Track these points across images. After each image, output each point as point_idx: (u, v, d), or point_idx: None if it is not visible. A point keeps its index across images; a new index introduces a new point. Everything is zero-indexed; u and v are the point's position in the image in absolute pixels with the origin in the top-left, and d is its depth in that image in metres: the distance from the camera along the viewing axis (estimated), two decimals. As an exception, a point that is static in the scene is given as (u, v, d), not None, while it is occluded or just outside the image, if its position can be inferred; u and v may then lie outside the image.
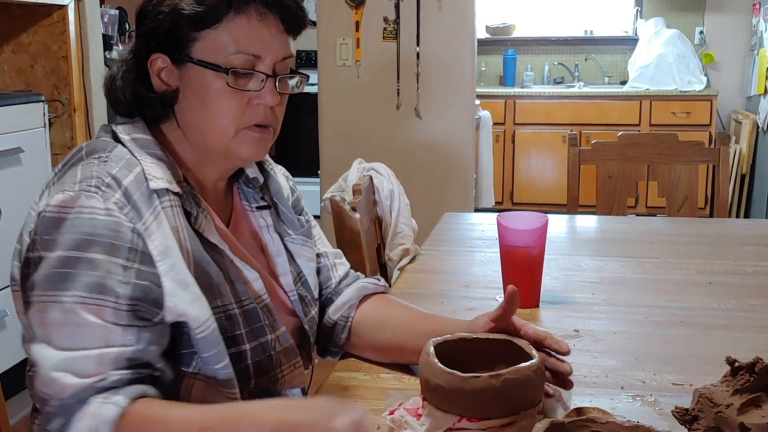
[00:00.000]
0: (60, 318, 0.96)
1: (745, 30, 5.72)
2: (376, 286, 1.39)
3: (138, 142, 1.10)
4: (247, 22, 1.08)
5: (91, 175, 1.03)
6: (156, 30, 1.10)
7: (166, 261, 1.02)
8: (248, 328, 1.12)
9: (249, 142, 1.13)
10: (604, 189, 2.65)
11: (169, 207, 1.06)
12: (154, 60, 1.11)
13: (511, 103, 5.73)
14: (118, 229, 0.99)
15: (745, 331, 1.44)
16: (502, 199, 5.77)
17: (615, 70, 6.15)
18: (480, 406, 0.97)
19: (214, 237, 1.12)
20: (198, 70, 1.09)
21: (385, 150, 3.75)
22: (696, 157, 2.65)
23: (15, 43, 3.47)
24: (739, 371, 0.94)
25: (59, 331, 0.96)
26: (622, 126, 5.41)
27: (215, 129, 1.11)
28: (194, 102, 1.11)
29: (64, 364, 0.95)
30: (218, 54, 1.08)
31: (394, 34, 3.77)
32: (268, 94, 1.11)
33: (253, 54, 1.09)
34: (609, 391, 1.20)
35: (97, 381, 0.95)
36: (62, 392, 0.95)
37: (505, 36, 6.21)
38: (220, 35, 1.08)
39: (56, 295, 0.97)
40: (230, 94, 1.09)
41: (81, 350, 0.95)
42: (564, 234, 2.23)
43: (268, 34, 1.10)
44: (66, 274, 0.97)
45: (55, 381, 0.95)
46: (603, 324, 1.48)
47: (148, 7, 1.12)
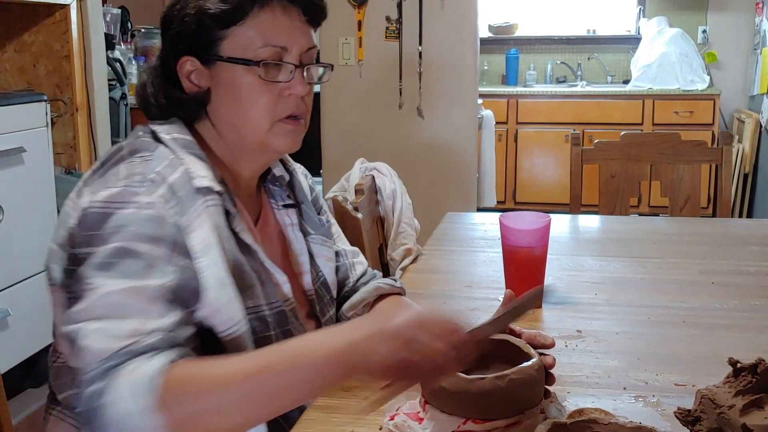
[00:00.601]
0: (102, 300, 0.95)
1: (748, 29, 5.71)
2: (391, 287, 1.39)
3: (179, 142, 1.12)
4: (272, 15, 1.11)
5: (135, 172, 1.04)
6: (183, 33, 1.13)
7: (205, 258, 1.03)
8: (278, 330, 1.12)
9: (283, 134, 1.15)
10: (606, 188, 2.65)
11: (212, 206, 1.08)
12: (183, 63, 1.14)
13: (514, 102, 5.73)
14: (162, 223, 1.00)
15: (748, 332, 1.44)
16: (505, 199, 5.77)
17: (618, 69, 6.14)
18: (485, 407, 0.96)
19: (248, 238, 1.13)
20: (228, 67, 1.12)
21: (387, 149, 3.75)
22: (699, 157, 2.64)
23: (17, 42, 3.47)
24: (742, 372, 0.93)
25: (100, 308, 0.95)
26: (624, 125, 5.40)
27: (250, 124, 1.14)
28: (227, 100, 1.14)
29: (102, 330, 0.93)
30: (246, 49, 1.11)
31: (396, 33, 3.77)
32: (298, 84, 1.14)
33: (280, 46, 1.12)
34: (611, 391, 1.20)
35: (133, 343, 0.92)
36: (100, 355, 0.92)
37: (508, 35, 6.20)
38: (246, 31, 1.11)
39: (101, 283, 0.96)
40: (262, 87, 1.12)
41: (120, 318, 0.94)
42: (566, 234, 2.22)
43: (292, 26, 1.13)
44: (112, 264, 0.97)
45: (91, 347, 0.93)
46: (605, 324, 1.48)
47: (173, 12, 1.15)
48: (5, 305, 2.81)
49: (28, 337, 2.94)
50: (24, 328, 2.91)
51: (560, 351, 1.35)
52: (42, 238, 3.03)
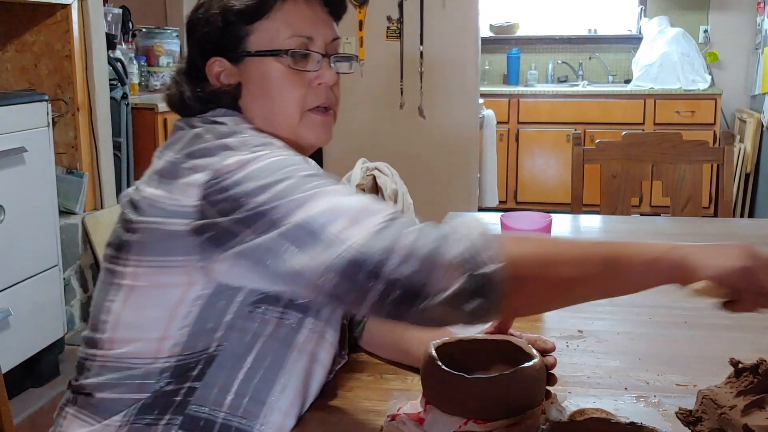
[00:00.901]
0: (324, 206, 0.94)
1: (749, 29, 5.71)
2: None
3: (237, 121, 1.12)
4: (295, 6, 1.13)
5: (247, 142, 1.04)
6: (210, 34, 1.14)
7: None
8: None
9: (314, 126, 1.16)
10: (608, 188, 2.65)
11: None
12: (212, 65, 1.15)
13: (515, 102, 5.73)
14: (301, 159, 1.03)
15: (749, 332, 1.44)
16: (506, 199, 5.77)
17: (619, 68, 6.14)
18: (488, 408, 0.96)
19: None
20: (257, 61, 1.13)
21: (388, 149, 3.74)
22: (700, 157, 2.64)
23: (18, 42, 3.48)
24: (743, 373, 0.93)
25: (333, 206, 0.94)
26: (626, 125, 5.40)
27: (282, 116, 1.14)
28: (258, 93, 1.14)
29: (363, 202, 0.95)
30: (273, 41, 1.13)
31: (397, 33, 3.77)
32: (326, 73, 1.15)
33: (305, 36, 1.14)
34: (612, 391, 1.19)
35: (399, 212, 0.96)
36: (381, 215, 0.92)
37: (509, 35, 6.20)
38: (272, 24, 1.12)
39: (318, 184, 0.96)
40: (292, 77, 1.13)
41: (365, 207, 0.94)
42: (568, 233, 2.22)
43: (315, 16, 1.15)
44: (304, 178, 0.97)
45: (365, 212, 0.93)
46: (607, 324, 1.48)
47: (198, 15, 1.16)
48: (6, 305, 2.82)
49: (29, 337, 2.95)
50: (25, 327, 2.91)
51: (561, 351, 1.35)
52: (43, 239, 3.06)
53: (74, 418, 1.12)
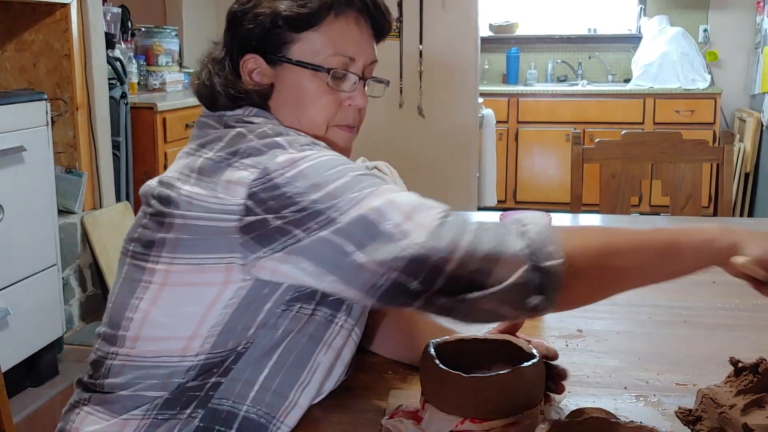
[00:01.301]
0: (380, 202, 0.94)
1: (749, 28, 5.71)
2: None
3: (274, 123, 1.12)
4: (346, 25, 1.12)
5: (295, 141, 1.04)
6: (253, 31, 1.12)
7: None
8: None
9: (338, 139, 1.16)
10: (607, 187, 2.65)
11: None
12: (247, 60, 1.14)
13: (515, 101, 5.72)
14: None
15: (749, 331, 1.43)
16: (505, 198, 5.77)
17: (618, 68, 6.14)
18: (484, 407, 0.96)
19: None
20: (295, 70, 1.12)
21: (387, 148, 3.74)
22: (700, 156, 2.64)
23: (17, 41, 3.47)
24: (743, 372, 0.93)
25: (393, 199, 0.95)
26: (625, 124, 5.40)
27: (308, 125, 1.14)
28: (289, 99, 1.14)
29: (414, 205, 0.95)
30: (316, 55, 1.11)
31: (397, 32, 3.77)
32: (359, 96, 1.15)
33: (348, 56, 1.13)
34: (612, 391, 1.19)
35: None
36: (437, 211, 0.94)
37: (509, 34, 6.20)
38: (319, 37, 1.11)
39: (370, 185, 0.97)
40: (326, 93, 1.12)
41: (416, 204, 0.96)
42: (567, 233, 2.22)
43: (362, 37, 1.15)
44: (356, 178, 0.97)
45: (422, 205, 0.95)
46: (606, 324, 1.48)
47: (244, 8, 1.14)
48: (5, 304, 2.81)
49: (28, 336, 2.95)
50: (24, 327, 2.91)
51: (561, 351, 1.34)
52: (42, 238, 3.05)
53: (88, 414, 1.11)
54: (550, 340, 1.39)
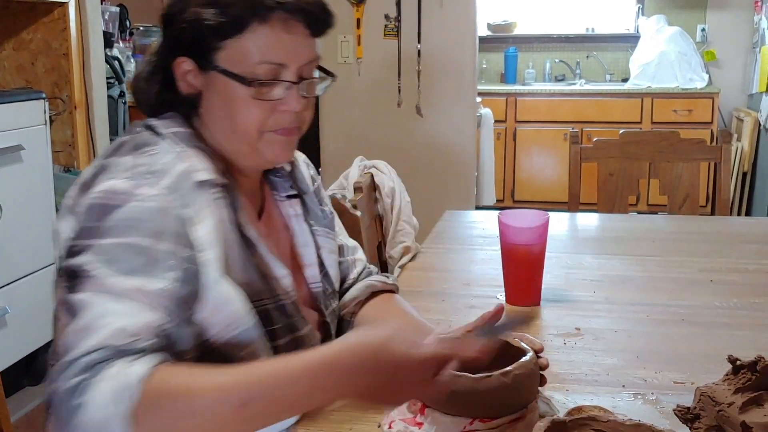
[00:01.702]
0: (103, 295, 0.94)
1: (747, 27, 5.71)
2: (384, 284, 1.39)
3: (179, 136, 1.11)
4: (271, 31, 1.07)
5: (140, 163, 1.03)
6: (181, 36, 1.10)
7: (209, 252, 1.02)
8: (278, 325, 1.12)
9: (274, 144, 1.13)
10: (605, 187, 2.65)
11: (218, 199, 1.07)
12: (180, 63, 1.11)
13: (513, 100, 5.72)
14: (164, 215, 0.99)
15: (747, 330, 1.44)
16: (503, 197, 5.77)
17: (616, 67, 6.14)
18: (493, 405, 0.96)
19: (250, 232, 1.12)
20: (222, 77, 1.09)
21: (386, 148, 3.74)
22: (697, 155, 2.64)
23: (16, 40, 3.47)
24: (741, 370, 0.93)
25: (101, 302, 0.94)
26: (623, 123, 5.40)
27: (240, 133, 1.11)
28: (219, 107, 1.11)
29: (99, 322, 0.92)
30: (242, 63, 1.08)
31: (395, 31, 3.77)
32: (293, 101, 1.11)
33: (277, 63, 1.09)
34: (610, 389, 1.20)
35: (131, 342, 0.91)
36: (90, 345, 0.90)
37: (507, 33, 6.20)
38: (244, 44, 1.07)
39: (103, 271, 0.95)
40: (254, 102, 1.09)
41: (119, 315, 0.93)
42: (565, 232, 2.22)
43: (293, 41, 1.09)
44: (114, 259, 0.96)
45: (92, 329, 0.91)
46: (604, 322, 1.48)
47: (172, 13, 1.12)
48: (3, 303, 2.81)
49: (26, 335, 2.94)
50: (22, 325, 2.90)
51: (559, 349, 1.35)
52: (40, 237, 3.05)
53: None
54: (549, 339, 1.40)
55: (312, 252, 1.27)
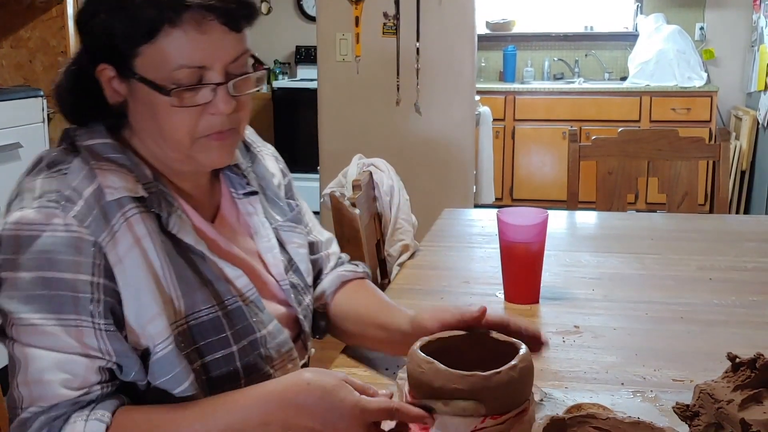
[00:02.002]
0: (41, 339, 0.96)
1: (745, 26, 5.71)
2: (354, 273, 1.39)
3: (96, 148, 1.06)
4: (185, 34, 1.00)
5: (50, 189, 1.00)
6: (97, 43, 1.05)
7: (125, 275, 1.00)
8: (233, 329, 1.10)
9: (209, 149, 1.08)
10: (604, 185, 2.65)
11: (133, 215, 1.03)
12: (102, 71, 1.06)
13: (511, 99, 5.72)
14: (79, 245, 0.97)
15: (746, 327, 1.44)
16: (502, 195, 5.77)
17: (615, 66, 6.14)
18: (503, 401, 0.96)
19: (189, 237, 1.08)
20: (143, 85, 1.03)
21: (384, 146, 3.74)
22: (696, 153, 2.64)
23: (14, 38, 3.46)
24: (740, 367, 0.93)
25: (37, 355, 0.96)
26: (622, 122, 5.40)
27: (171, 142, 1.06)
28: (145, 116, 1.06)
29: (57, 365, 0.96)
30: (160, 70, 1.01)
31: (393, 29, 3.76)
32: (221, 103, 1.04)
33: (197, 66, 1.02)
34: (609, 387, 1.19)
35: (82, 395, 0.96)
36: (44, 400, 0.95)
37: (505, 32, 6.20)
38: (159, 50, 1.01)
39: (33, 318, 0.96)
40: (179, 110, 1.03)
41: (71, 354, 0.97)
42: (564, 230, 2.22)
43: (210, 41, 1.02)
44: (36, 297, 0.96)
45: (42, 384, 0.95)
46: (603, 320, 1.48)
47: (83, 21, 1.06)
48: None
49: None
50: None
51: (558, 347, 1.35)
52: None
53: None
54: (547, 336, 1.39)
55: (274, 249, 1.23)
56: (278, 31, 6.59)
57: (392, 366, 1.27)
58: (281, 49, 6.61)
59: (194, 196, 1.16)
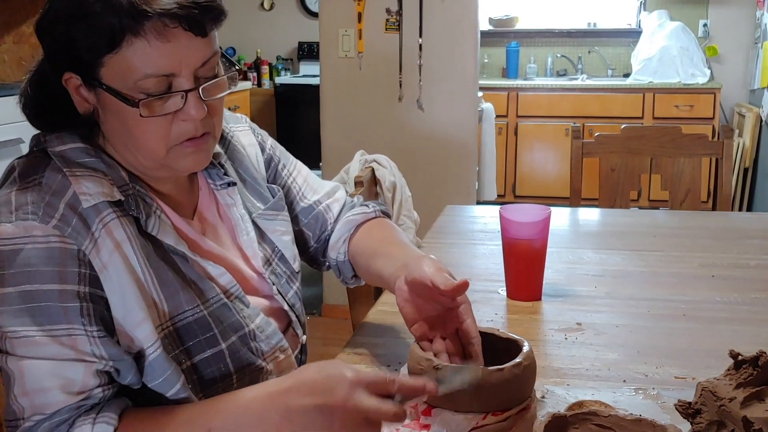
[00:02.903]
0: (35, 350, 0.95)
1: (748, 23, 5.70)
2: (364, 215, 1.38)
3: (68, 154, 1.04)
4: (148, 44, 0.97)
5: (26, 201, 0.98)
6: (60, 53, 1.01)
7: (110, 281, 1.00)
8: (221, 327, 1.09)
9: (184, 156, 1.06)
10: (606, 182, 2.64)
11: (111, 221, 1.01)
12: (69, 79, 1.03)
13: (514, 95, 5.72)
14: (63, 256, 0.96)
15: (748, 325, 1.44)
16: (505, 192, 5.77)
17: (618, 62, 6.13)
18: (506, 398, 0.96)
19: (169, 238, 1.07)
20: (110, 96, 1.00)
21: (387, 142, 3.74)
22: (699, 150, 2.64)
23: (16, 33, 3.46)
24: (743, 365, 0.93)
25: (35, 365, 0.96)
26: (625, 119, 5.39)
27: (143, 151, 1.04)
28: (116, 125, 1.04)
29: (55, 372, 0.95)
30: (127, 79, 0.99)
31: (396, 25, 3.76)
32: (192, 109, 1.02)
33: (164, 74, 0.99)
34: (611, 384, 1.19)
35: (83, 399, 0.96)
36: (46, 407, 0.95)
37: (508, 28, 6.19)
38: (124, 59, 0.98)
39: (25, 331, 0.95)
40: (149, 120, 1.01)
41: (67, 360, 0.96)
42: (566, 227, 2.22)
43: (176, 48, 0.99)
44: (24, 310, 0.95)
45: (42, 392, 0.95)
46: (605, 317, 1.48)
47: (42, 29, 1.02)
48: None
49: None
50: None
51: (560, 344, 1.35)
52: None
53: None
54: (550, 333, 1.40)
55: (253, 242, 1.22)
56: (281, 27, 6.59)
57: (394, 363, 1.27)
58: (284, 45, 6.61)
59: (172, 196, 1.15)
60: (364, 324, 1.45)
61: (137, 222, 1.05)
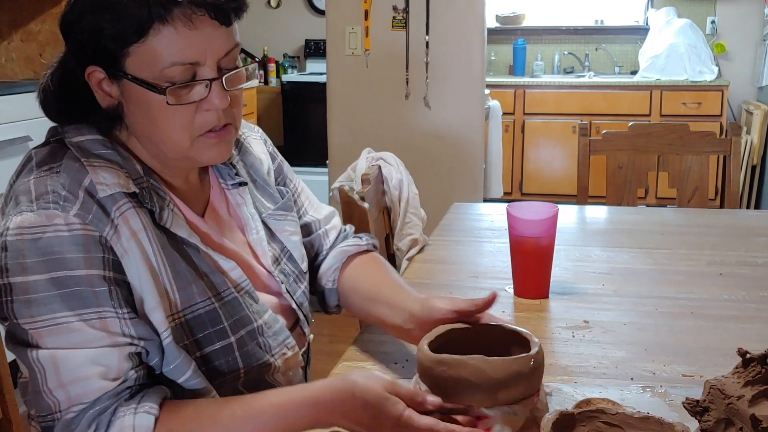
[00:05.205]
0: (68, 338, 0.96)
1: (757, 20, 5.68)
2: (357, 246, 1.39)
3: (85, 145, 1.06)
4: (175, 30, 1.00)
5: (46, 190, 0.99)
6: (85, 45, 1.04)
7: (130, 266, 1.02)
8: (231, 320, 1.10)
9: (208, 147, 1.08)
10: (614, 179, 2.64)
11: (127, 210, 1.03)
12: (92, 73, 1.05)
13: (521, 92, 5.71)
14: (86, 242, 0.98)
15: (756, 323, 1.43)
16: (511, 190, 5.76)
17: (625, 59, 6.12)
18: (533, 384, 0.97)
19: (182, 231, 1.09)
20: (136, 86, 1.03)
21: (393, 140, 3.74)
22: (707, 148, 2.63)
23: (23, 31, 3.47)
24: (751, 363, 0.93)
25: (69, 353, 0.96)
26: (632, 116, 5.38)
27: (169, 142, 1.06)
28: (141, 117, 1.06)
29: (91, 360, 0.96)
30: (153, 68, 1.01)
31: (403, 23, 3.76)
32: (216, 98, 1.04)
33: (189, 62, 1.02)
34: (619, 382, 1.19)
35: (120, 383, 0.97)
36: (86, 396, 0.96)
37: (515, 25, 6.18)
38: (150, 48, 1.00)
39: (57, 318, 0.96)
40: (174, 108, 1.03)
41: (101, 347, 0.97)
42: (574, 224, 2.22)
43: (202, 36, 1.01)
44: (53, 297, 0.96)
45: (79, 381, 0.96)
46: (613, 315, 1.48)
47: (68, 23, 1.05)
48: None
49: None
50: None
51: (568, 341, 1.35)
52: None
53: None
54: (557, 331, 1.40)
55: (263, 240, 1.23)
56: (287, 24, 6.59)
57: (401, 360, 1.27)
58: (290, 43, 6.61)
59: (185, 191, 1.16)
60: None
61: (151, 214, 1.06)
